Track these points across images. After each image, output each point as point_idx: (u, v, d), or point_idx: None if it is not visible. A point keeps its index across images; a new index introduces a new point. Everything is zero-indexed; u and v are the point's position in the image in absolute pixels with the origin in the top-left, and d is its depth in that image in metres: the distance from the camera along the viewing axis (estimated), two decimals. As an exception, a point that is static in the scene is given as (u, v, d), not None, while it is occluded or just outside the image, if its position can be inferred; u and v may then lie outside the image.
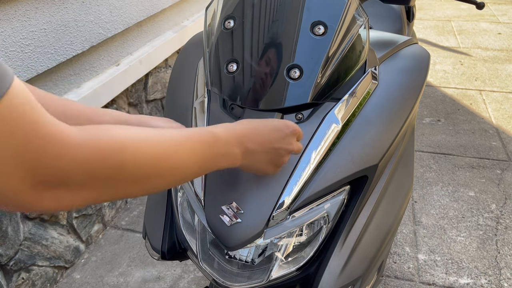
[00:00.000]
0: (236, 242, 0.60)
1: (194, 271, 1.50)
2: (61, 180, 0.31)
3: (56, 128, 0.31)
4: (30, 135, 0.29)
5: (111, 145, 0.34)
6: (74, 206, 0.34)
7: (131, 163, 0.35)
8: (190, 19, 2.27)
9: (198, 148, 0.42)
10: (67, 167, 0.31)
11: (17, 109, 0.28)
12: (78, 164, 0.31)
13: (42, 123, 0.30)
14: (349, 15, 0.69)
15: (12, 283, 1.33)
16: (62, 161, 0.31)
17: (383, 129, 0.70)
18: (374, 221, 0.70)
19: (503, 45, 3.27)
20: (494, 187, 1.83)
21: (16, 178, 0.29)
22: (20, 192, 0.30)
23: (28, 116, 0.29)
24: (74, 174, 0.32)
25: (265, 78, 0.66)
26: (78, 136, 0.32)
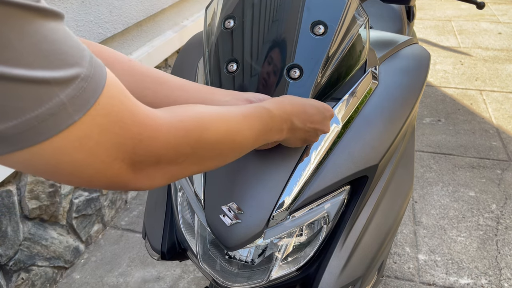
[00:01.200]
0: (236, 242, 0.60)
1: (194, 271, 1.50)
2: (155, 159, 0.35)
3: (147, 114, 0.34)
4: (128, 123, 0.32)
5: (192, 124, 0.37)
6: (164, 182, 0.38)
7: (209, 139, 0.39)
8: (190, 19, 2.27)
9: (256, 123, 0.46)
10: (159, 147, 0.35)
11: (116, 100, 0.31)
12: (167, 144, 0.35)
13: (136, 111, 0.33)
14: (349, 15, 0.68)
15: (12, 283, 1.33)
16: (155, 143, 0.34)
17: (383, 129, 0.69)
18: (374, 221, 0.70)
19: (504, 45, 3.27)
20: (494, 187, 1.82)
21: (118, 161, 0.32)
22: (121, 174, 0.33)
23: (124, 105, 0.32)
24: (164, 153, 0.35)
25: (265, 78, 0.66)
26: (165, 119, 0.35)
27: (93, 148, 0.30)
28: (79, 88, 0.27)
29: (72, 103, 0.27)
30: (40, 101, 0.25)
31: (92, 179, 0.32)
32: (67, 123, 0.27)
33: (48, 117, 0.26)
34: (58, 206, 1.47)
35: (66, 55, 0.27)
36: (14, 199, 1.29)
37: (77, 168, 0.30)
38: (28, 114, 0.25)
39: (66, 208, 1.51)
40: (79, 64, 0.28)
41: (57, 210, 1.46)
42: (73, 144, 0.28)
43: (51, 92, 0.26)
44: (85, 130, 0.29)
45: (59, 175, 0.30)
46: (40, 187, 1.37)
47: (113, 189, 0.35)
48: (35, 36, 0.25)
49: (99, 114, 0.29)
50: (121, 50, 1.74)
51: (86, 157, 0.30)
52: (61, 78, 0.26)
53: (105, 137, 0.30)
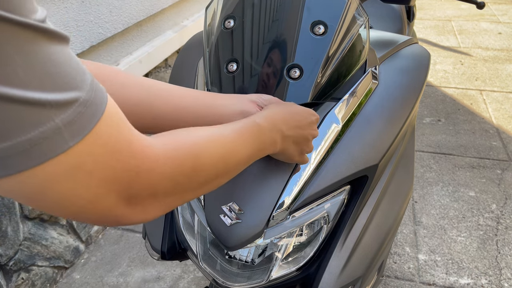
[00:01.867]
0: (236, 242, 0.60)
1: (194, 271, 1.50)
2: (151, 192, 0.34)
3: (144, 144, 0.33)
4: (125, 155, 0.30)
5: (186, 153, 0.37)
6: (159, 213, 0.36)
7: (204, 165, 0.39)
8: (190, 18, 2.27)
9: (249, 140, 0.46)
10: (156, 180, 0.33)
11: (114, 129, 0.30)
12: (164, 175, 0.34)
13: (133, 140, 0.31)
14: (349, 14, 0.68)
15: (12, 283, 1.33)
16: (152, 175, 0.33)
17: (383, 129, 0.69)
18: (374, 221, 0.70)
19: (504, 45, 3.27)
20: (494, 187, 1.82)
21: (113, 196, 0.30)
22: (115, 209, 0.31)
23: (123, 136, 0.31)
24: (161, 185, 0.34)
25: (265, 78, 0.66)
26: (159, 149, 0.34)
27: (86, 179, 0.28)
28: (77, 113, 0.26)
29: (68, 128, 0.26)
30: (34, 124, 0.24)
31: (81, 212, 0.30)
32: (61, 149, 0.26)
33: (42, 141, 0.25)
34: (58, 206, 1.47)
35: (67, 78, 0.26)
36: (14, 199, 1.29)
37: (66, 199, 0.28)
38: (21, 137, 0.24)
39: (66, 208, 1.51)
40: (79, 88, 0.27)
41: (57, 210, 1.46)
42: (64, 172, 0.27)
43: (47, 116, 0.25)
44: (79, 159, 0.27)
45: (46, 204, 0.28)
46: (40, 187, 1.37)
47: (101, 224, 0.33)
48: (36, 57, 0.24)
49: (95, 144, 0.28)
50: (121, 50, 1.74)
51: (77, 188, 0.28)
52: (58, 101, 0.25)
53: (100, 169, 0.29)
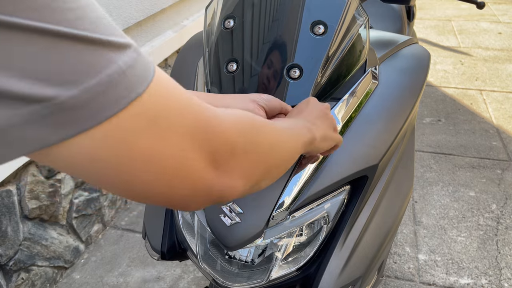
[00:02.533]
0: (236, 242, 0.60)
1: (194, 271, 1.50)
2: (230, 147, 0.32)
3: (207, 106, 0.31)
4: (196, 109, 0.29)
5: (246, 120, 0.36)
6: (244, 177, 0.35)
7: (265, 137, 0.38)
8: (190, 18, 2.27)
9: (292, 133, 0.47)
10: (229, 136, 0.32)
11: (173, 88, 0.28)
12: (236, 133, 0.33)
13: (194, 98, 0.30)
14: (349, 14, 0.68)
15: (12, 283, 1.33)
16: (226, 134, 0.32)
17: (384, 129, 0.69)
18: (374, 221, 0.70)
19: (504, 44, 3.27)
20: (494, 187, 1.82)
21: (195, 150, 0.28)
22: (203, 174, 0.30)
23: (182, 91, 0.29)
24: (237, 143, 0.33)
25: (265, 77, 0.66)
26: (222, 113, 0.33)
27: (166, 133, 0.26)
28: (133, 58, 0.24)
29: (131, 72, 0.24)
30: (99, 65, 0.22)
31: (173, 180, 0.28)
32: (130, 95, 0.24)
33: (109, 86, 0.23)
34: (58, 206, 1.47)
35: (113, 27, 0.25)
36: (14, 199, 1.29)
37: (150, 156, 0.26)
38: (90, 80, 0.22)
39: (66, 208, 1.51)
40: (125, 37, 0.25)
41: (57, 210, 1.46)
42: (144, 125, 0.25)
43: (109, 57, 0.23)
44: (153, 111, 0.25)
45: (127, 172, 0.25)
46: (40, 187, 1.37)
47: (197, 202, 0.31)
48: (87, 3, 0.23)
49: (162, 96, 0.26)
50: (121, 50, 1.74)
51: (164, 144, 0.26)
52: (118, 42, 0.24)
53: (175, 122, 0.27)
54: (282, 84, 0.65)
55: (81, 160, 0.24)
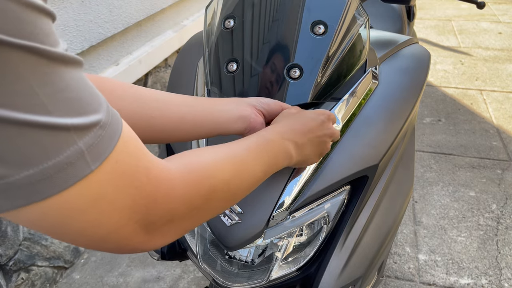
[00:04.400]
0: (236, 242, 0.60)
1: (194, 271, 1.50)
2: (169, 217, 0.33)
3: (160, 169, 0.32)
4: (143, 182, 0.30)
5: (201, 174, 0.37)
6: (175, 238, 0.36)
7: (220, 185, 0.39)
8: (190, 18, 2.27)
9: (260, 156, 0.46)
10: (173, 205, 0.33)
11: (133, 157, 0.30)
12: (180, 199, 0.34)
13: (151, 167, 0.31)
14: (349, 14, 0.68)
15: (12, 283, 1.32)
16: (169, 201, 0.33)
17: (384, 129, 0.69)
18: (375, 221, 0.70)
19: (504, 44, 3.27)
20: (494, 187, 1.82)
21: (131, 224, 0.30)
22: (134, 237, 0.31)
23: (141, 163, 0.30)
24: (178, 210, 0.34)
25: (265, 78, 0.66)
26: (175, 172, 0.34)
27: (107, 207, 0.28)
28: (97, 136, 0.27)
29: (90, 151, 0.26)
30: (59, 148, 0.24)
31: (102, 241, 0.30)
32: (83, 173, 0.26)
33: (66, 166, 0.25)
34: (58, 206, 1.47)
35: (86, 103, 0.26)
36: (14, 199, 1.29)
37: (88, 228, 0.28)
38: (46, 163, 0.24)
39: (66, 208, 1.51)
40: (97, 111, 0.27)
41: (57, 210, 1.46)
42: (87, 200, 0.27)
43: (70, 140, 0.25)
44: (101, 187, 0.27)
45: (68, 235, 0.28)
46: (40, 187, 1.37)
47: (122, 253, 0.33)
48: (57, 84, 0.24)
49: (115, 172, 0.28)
50: (121, 49, 1.74)
51: (99, 217, 0.28)
52: (80, 125, 0.25)
53: (120, 197, 0.29)
54: (282, 84, 0.65)
55: (27, 223, 0.27)
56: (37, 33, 0.23)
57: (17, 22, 0.22)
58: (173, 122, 0.53)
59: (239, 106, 0.56)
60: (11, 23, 0.22)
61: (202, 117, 0.54)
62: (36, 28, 0.23)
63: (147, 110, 0.52)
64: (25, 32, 0.23)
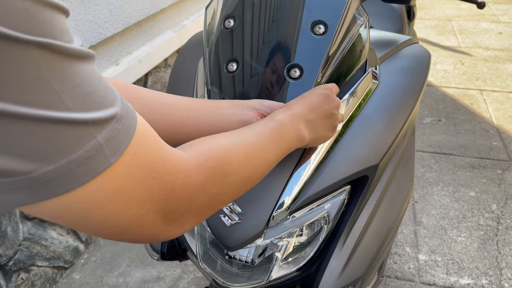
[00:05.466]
0: (236, 242, 0.60)
1: (194, 272, 1.50)
2: (186, 206, 0.34)
3: (177, 160, 0.33)
4: (161, 172, 0.31)
5: (216, 162, 0.37)
6: (194, 225, 0.37)
7: (235, 171, 0.39)
8: (190, 18, 2.27)
9: (273, 139, 0.47)
10: (190, 193, 0.34)
11: (150, 149, 0.30)
12: (198, 187, 0.34)
13: (167, 158, 0.32)
14: (349, 14, 0.68)
15: (12, 283, 1.32)
16: (186, 190, 0.33)
17: (384, 129, 0.69)
18: (375, 221, 0.70)
19: (504, 44, 3.27)
20: (495, 187, 1.82)
21: (151, 213, 0.31)
22: (153, 226, 0.32)
23: (158, 154, 0.31)
24: (196, 198, 0.35)
25: (265, 77, 0.66)
26: (192, 162, 0.34)
27: (127, 199, 0.29)
28: (115, 129, 0.27)
29: (109, 144, 0.27)
30: (78, 143, 0.25)
31: (123, 232, 0.31)
32: (103, 166, 0.26)
33: (86, 160, 0.25)
34: (58, 206, 1.47)
35: (102, 97, 0.27)
36: (14, 199, 1.29)
37: (109, 219, 0.29)
38: (67, 158, 0.25)
39: (66, 208, 1.51)
40: (113, 105, 0.27)
41: (57, 210, 1.46)
42: (107, 193, 0.27)
43: (89, 134, 0.25)
44: (120, 179, 0.28)
45: (90, 226, 0.29)
46: (40, 187, 1.37)
47: (142, 242, 0.34)
48: (74, 79, 0.25)
49: (133, 164, 0.29)
50: (121, 49, 1.74)
51: (119, 209, 0.29)
52: (98, 119, 0.26)
53: (139, 188, 0.29)
54: (282, 84, 0.65)
55: (50, 217, 0.27)
56: (53, 30, 0.24)
57: (35, 20, 0.23)
58: (175, 125, 0.53)
59: (240, 110, 0.56)
60: (29, 22, 0.22)
61: (203, 121, 0.54)
62: (52, 25, 0.24)
63: (149, 113, 0.52)
64: (42, 30, 0.23)
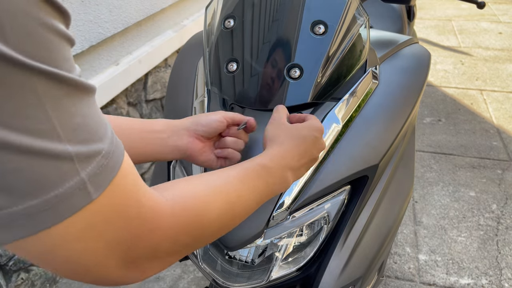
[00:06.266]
0: (236, 242, 0.59)
1: (194, 271, 1.50)
2: (152, 254, 0.32)
3: (150, 204, 0.31)
4: (132, 216, 0.30)
5: (193, 212, 0.35)
6: (157, 272, 0.35)
7: (212, 221, 0.37)
8: (190, 18, 2.27)
9: (256, 185, 0.45)
10: (159, 240, 0.32)
11: (128, 185, 0.29)
12: (168, 236, 0.33)
13: (142, 201, 0.31)
14: (349, 14, 0.68)
15: (12, 283, 1.32)
16: (155, 236, 0.32)
17: (384, 129, 0.69)
18: (375, 221, 0.70)
19: (504, 44, 3.27)
20: (495, 187, 1.82)
21: (112, 259, 0.30)
22: (113, 272, 0.30)
23: (134, 197, 0.30)
24: (164, 246, 0.33)
25: (265, 77, 0.65)
26: (166, 208, 0.33)
27: (95, 239, 0.28)
28: (100, 165, 0.26)
29: (92, 181, 0.26)
30: (63, 179, 0.24)
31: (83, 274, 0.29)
32: (83, 203, 0.26)
33: (68, 197, 0.25)
34: (58, 206, 1.47)
35: (93, 130, 0.26)
36: (14, 199, 1.29)
37: (73, 259, 0.28)
38: (49, 193, 0.24)
39: (66, 208, 1.51)
40: (102, 140, 0.27)
41: (57, 210, 1.46)
42: (79, 230, 0.27)
43: (74, 170, 0.25)
44: (93, 217, 0.27)
45: (52, 265, 0.28)
46: (40, 187, 1.37)
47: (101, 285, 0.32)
48: (69, 109, 0.24)
49: (109, 204, 0.28)
50: (121, 49, 1.74)
51: (87, 248, 0.28)
52: (84, 153, 0.25)
53: (109, 228, 0.28)
54: (282, 84, 0.65)
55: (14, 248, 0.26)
56: (58, 58, 0.24)
57: (42, 46, 0.22)
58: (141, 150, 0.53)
59: (174, 135, 0.55)
60: (36, 47, 0.22)
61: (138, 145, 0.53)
62: (58, 53, 0.24)
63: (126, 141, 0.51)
64: (47, 57, 0.23)
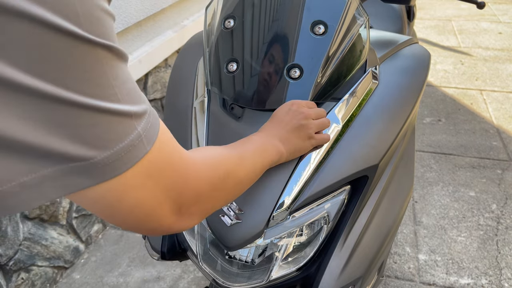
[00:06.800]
0: (236, 242, 0.60)
1: (194, 271, 1.50)
2: (195, 199, 0.38)
3: (188, 155, 0.37)
4: (178, 163, 0.35)
5: (217, 162, 0.43)
6: (199, 220, 0.41)
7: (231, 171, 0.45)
8: (190, 18, 2.27)
9: (256, 153, 0.52)
10: (200, 185, 0.38)
11: (169, 145, 0.34)
12: (205, 181, 0.39)
13: (182, 151, 0.36)
14: (349, 14, 0.68)
15: (12, 283, 1.32)
16: (197, 182, 0.37)
17: (384, 129, 0.69)
18: (375, 221, 0.70)
19: (504, 44, 3.27)
20: (494, 187, 1.82)
21: (164, 208, 0.34)
22: (166, 219, 0.35)
23: (175, 149, 0.35)
24: (203, 190, 0.39)
25: (265, 77, 0.66)
26: (199, 159, 0.39)
27: (153, 185, 0.32)
28: (149, 122, 0.31)
29: (146, 135, 0.31)
30: (126, 133, 0.29)
31: (145, 220, 0.34)
32: (142, 153, 0.30)
33: (131, 148, 0.29)
34: (58, 206, 1.47)
35: (138, 93, 0.31)
36: (14, 199, 1.29)
37: (136, 206, 0.32)
38: (118, 145, 0.28)
39: (66, 208, 1.51)
40: (145, 102, 0.32)
41: (57, 210, 1.46)
42: (140, 177, 0.31)
43: (132, 125, 0.29)
44: (150, 167, 0.32)
45: (118, 213, 0.32)
46: (40, 187, 1.37)
47: (155, 234, 0.37)
48: (122, 76, 0.29)
49: (160, 153, 0.33)
50: (121, 50, 1.74)
51: (148, 195, 0.32)
52: (138, 112, 0.30)
53: (163, 175, 0.33)
54: (282, 84, 0.65)
55: (89, 202, 0.31)
56: (110, 33, 0.28)
57: (101, 24, 0.27)
58: None
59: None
60: (97, 26, 0.26)
61: None
62: (110, 29, 0.28)
63: None
64: (105, 33, 0.27)
